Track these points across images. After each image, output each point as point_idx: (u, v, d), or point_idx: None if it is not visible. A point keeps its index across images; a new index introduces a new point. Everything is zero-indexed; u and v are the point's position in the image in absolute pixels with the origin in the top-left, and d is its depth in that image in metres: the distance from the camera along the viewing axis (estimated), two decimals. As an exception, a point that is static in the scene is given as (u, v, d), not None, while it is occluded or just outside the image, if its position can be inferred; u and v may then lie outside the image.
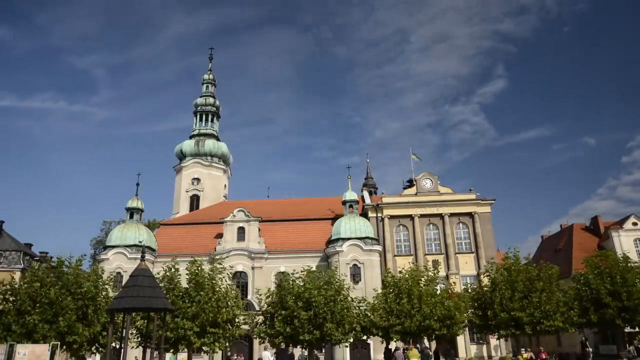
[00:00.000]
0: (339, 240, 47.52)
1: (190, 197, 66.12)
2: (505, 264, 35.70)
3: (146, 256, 26.60)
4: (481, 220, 49.64)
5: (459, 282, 46.57)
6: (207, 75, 76.14)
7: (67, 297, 27.70)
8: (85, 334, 27.80)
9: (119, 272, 46.04)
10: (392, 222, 50.30)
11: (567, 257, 52.02)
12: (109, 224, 73.71)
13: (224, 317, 29.69)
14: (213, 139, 70.55)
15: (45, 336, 26.52)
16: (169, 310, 14.85)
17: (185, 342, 28.60)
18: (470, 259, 48.68)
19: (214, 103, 73.54)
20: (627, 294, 33.23)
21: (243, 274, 48.93)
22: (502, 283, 33.62)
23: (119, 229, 50.87)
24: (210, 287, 29.95)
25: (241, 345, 44.72)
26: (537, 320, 32.15)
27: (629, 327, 35.40)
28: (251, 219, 50.88)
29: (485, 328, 35.09)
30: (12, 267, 47.95)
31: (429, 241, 50.05)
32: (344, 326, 31.32)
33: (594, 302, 34.29)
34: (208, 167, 67.79)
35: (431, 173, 52.57)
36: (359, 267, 46.55)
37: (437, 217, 50.20)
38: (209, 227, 53.04)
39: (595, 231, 55.28)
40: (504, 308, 32.68)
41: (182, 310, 28.42)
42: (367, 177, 71.33)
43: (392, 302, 32.54)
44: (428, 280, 33.47)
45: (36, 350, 22.85)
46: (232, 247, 49.37)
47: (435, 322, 31.35)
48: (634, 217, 51.33)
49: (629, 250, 43.36)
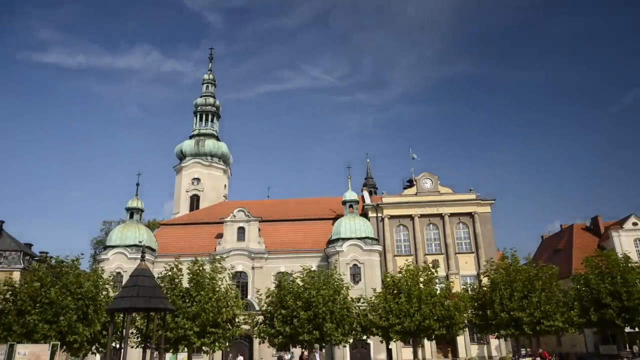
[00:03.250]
0: (339, 240, 47.51)
1: (190, 197, 66.16)
2: (504, 264, 35.75)
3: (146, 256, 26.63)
4: (481, 220, 49.64)
5: (459, 282, 46.59)
6: (207, 75, 76.14)
7: (67, 297, 27.72)
8: (85, 334, 27.84)
9: (119, 272, 46.08)
10: (392, 222, 50.29)
11: (567, 257, 52.02)
12: (109, 224, 73.71)
13: (224, 317, 29.75)
14: (213, 139, 70.59)
15: (45, 336, 26.53)
16: (169, 310, 14.88)
17: (186, 342, 28.67)
18: (470, 259, 48.68)
19: (214, 103, 73.58)
20: (627, 294, 33.29)
21: (243, 274, 48.92)
22: (501, 283, 33.67)
23: (119, 229, 50.87)
24: (211, 287, 30.00)
25: (241, 345, 44.76)
26: (537, 320, 32.20)
27: (629, 327, 35.44)
28: (251, 219, 50.86)
29: (485, 328, 35.13)
30: (12, 267, 47.98)
31: (429, 241, 50.04)
32: (344, 326, 31.33)
33: (594, 302, 34.32)
34: (208, 167, 67.83)
35: (431, 173, 52.55)
36: (359, 267, 46.53)
37: (437, 217, 50.19)
38: (209, 227, 53.03)
39: (595, 231, 55.29)
40: (503, 308, 32.72)
41: (182, 310, 28.47)
42: (367, 177, 71.36)
43: (392, 301, 32.57)
44: (427, 279, 33.51)
45: (36, 350, 22.84)
46: (232, 247, 49.35)
47: (435, 322, 31.40)
48: (634, 217, 51.32)
49: (629, 251, 43.38)
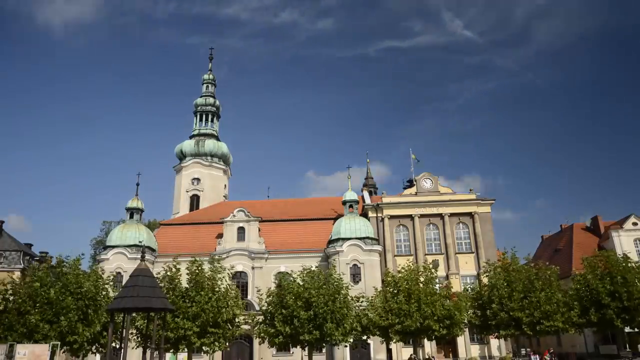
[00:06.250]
0: (339, 240, 47.51)
1: (190, 197, 66.18)
2: (503, 264, 35.75)
3: (146, 256, 26.65)
4: (481, 220, 49.63)
5: (459, 282, 46.58)
6: (207, 75, 76.15)
7: (68, 297, 27.76)
8: (85, 334, 27.87)
9: (119, 272, 46.07)
10: (392, 222, 50.30)
11: (567, 257, 51.99)
12: (109, 224, 73.90)
13: (224, 317, 29.79)
14: (213, 139, 70.61)
15: (45, 336, 26.56)
16: (168, 310, 14.90)
17: (186, 342, 28.70)
18: (470, 259, 48.67)
19: (214, 103, 73.60)
20: (627, 294, 33.28)
21: (243, 274, 48.92)
22: (501, 283, 33.67)
23: (119, 229, 50.88)
24: (210, 287, 30.02)
25: (241, 345, 44.77)
26: (537, 321, 32.21)
27: (629, 327, 35.44)
28: (251, 219, 50.86)
29: (485, 328, 35.14)
30: (12, 267, 48.09)
31: (429, 241, 50.04)
32: (344, 326, 31.33)
33: (594, 303, 34.30)
34: (208, 167, 67.84)
35: (431, 173, 52.58)
36: (359, 267, 46.53)
37: (437, 217, 50.18)
38: (209, 227, 53.02)
39: (595, 231, 55.27)
40: (503, 308, 32.73)
41: (182, 310, 28.49)
42: (367, 177, 71.40)
43: (392, 301, 32.56)
44: (427, 279, 33.51)
45: (36, 350, 22.87)
46: (232, 247, 49.36)
47: (435, 322, 31.39)
48: (634, 217, 51.30)
49: (629, 251, 43.37)
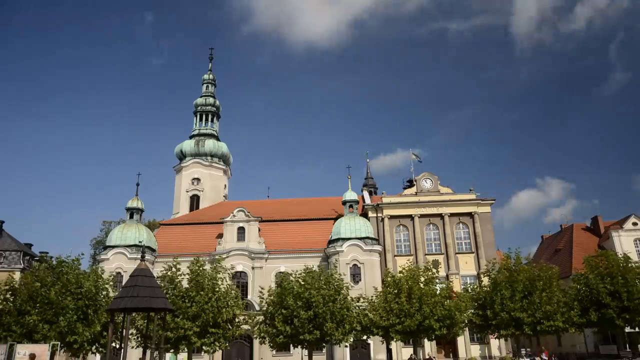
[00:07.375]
0: (339, 240, 47.49)
1: (190, 197, 66.13)
2: (506, 263, 35.73)
3: (146, 256, 26.68)
4: (481, 220, 49.62)
5: (459, 282, 46.57)
6: (207, 75, 76.11)
7: (67, 297, 27.75)
8: (85, 334, 27.86)
9: (119, 272, 46.05)
10: (392, 222, 50.28)
11: (567, 257, 51.97)
12: (109, 224, 73.73)
13: (224, 317, 29.77)
14: (213, 139, 70.58)
15: (45, 336, 26.55)
16: (168, 310, 14.89)
17: (186, 342, 28.69)
18: (470, 259, 48.66)
19: (214, 103, 73.56)
20: (627, 294, 33.30)
21: (243, 274, 48.91)
22: (502, 283, 33.65)
23: (119, 229, 50.85)
24: (210, 287, 30.00)
25: (241, 345, 44.75)
26: (538, 321, 32.20)
27: (629, 327, 35.44)
28: (251, 219, 50.84)
29: (486, 328, 35.12)
30: (12, 267, 48.12)
31: (429, 241, 50.03)
32: (344, 326, 31.32)
33: (594, 303, 34.31)
34: (208, 167, 67.81)
35: (431, 173, 52.54)
36: (359, 267, 46.52)
37: (437, 217, 50.16)
38: (209, 227, 53.02)
39: (595, 231, 55.25)
40: (504, 308, 32.71)
41: (182, 310, 28.48)
42: (367, 177, 71.34)
43: (392, 301, 32.55)
44: (428, 279, 33.49)
45: (36, 350, 22.84)
46: (232, 247, 49.34)
47: (435, 322, 31.37)
48: (634, 217, 51.29)
49: (629, 251, 43.38)
